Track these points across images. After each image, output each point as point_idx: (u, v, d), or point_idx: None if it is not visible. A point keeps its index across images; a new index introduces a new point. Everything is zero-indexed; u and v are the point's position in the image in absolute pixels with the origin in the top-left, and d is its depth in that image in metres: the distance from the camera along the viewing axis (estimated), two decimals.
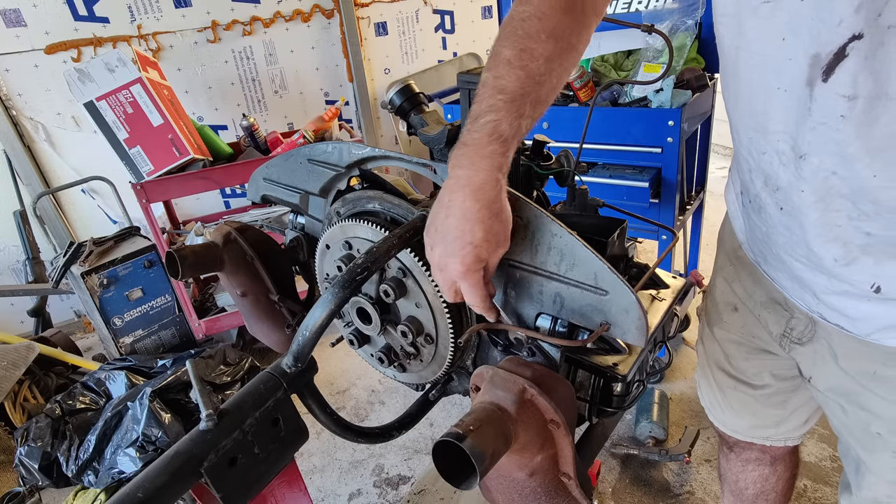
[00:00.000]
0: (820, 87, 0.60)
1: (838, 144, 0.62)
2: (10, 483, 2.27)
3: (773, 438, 1.20)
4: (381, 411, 2.52)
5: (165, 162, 2.39)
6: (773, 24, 0.64)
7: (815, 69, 0.60)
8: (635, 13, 2.31)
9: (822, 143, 0.64)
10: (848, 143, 0.61)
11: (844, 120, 0.60)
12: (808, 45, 0.60)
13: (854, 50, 0.55)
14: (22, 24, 2.79)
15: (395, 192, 0.94)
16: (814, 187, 0.68)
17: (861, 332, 0.77)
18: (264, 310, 1.14)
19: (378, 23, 3.68)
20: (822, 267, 0.75)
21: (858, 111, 0.58)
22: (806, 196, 0.70)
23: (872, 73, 0.55)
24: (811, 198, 0.69)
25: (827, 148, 0.64)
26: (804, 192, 0.69)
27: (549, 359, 0.80)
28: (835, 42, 0.57)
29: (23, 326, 3.14)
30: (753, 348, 1.08)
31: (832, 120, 0.61)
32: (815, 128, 0.64)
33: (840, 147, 0.62)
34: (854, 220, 0.67)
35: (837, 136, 0.62)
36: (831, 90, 0.59)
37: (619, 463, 2.07)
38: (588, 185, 1.06)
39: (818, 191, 0.68)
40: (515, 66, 0.68)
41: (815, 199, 0.69)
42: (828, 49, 0.58)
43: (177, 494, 0.60)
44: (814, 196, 0.69)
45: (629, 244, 0.99)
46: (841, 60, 0.57)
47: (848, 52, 0.56)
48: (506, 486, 0.78)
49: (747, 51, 0.70)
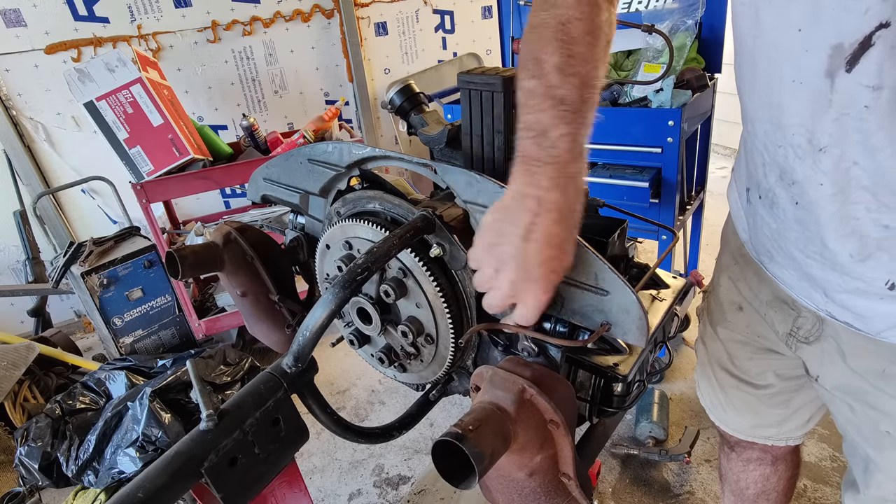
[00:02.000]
0: (843, 78, 0.60)
1: (862, 134, 0.62)
2: (10, 483, 2.27)
3: (775, 438, 1.19)
4: (381, 411, 2.52)
5: (165, 162, 2.39)
6: (789, 14, 0.63)
7: (836, 59, 0.59)
8: (635, 13, 2.31)
9: (843, 133, 0.64)
10: (871, 132, 0.61)
11: (869, 110, 0.59)
12: (829, 36, 0.59)
13: (881, 39, 0.55)
14: (22, 24, 2.79)
15: (395, 192, 0.94)
16: (833, 179, 0.68)
17: (872, 331, 0.76)
18: (264, 310, 1.14)
19: (378, 23, 3.68)
20: (836, 264, 0.74)
21: (884, 101, 0.58)
22: (825, 189, 0.69)
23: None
24: (830, 190, 0.69)
25: (849, 138, 0.63)
26: (822, 185, 0.69)
27: (549, 359, 0.80)
28: (861, 31, 0.56)
29: (23, 326, 3.14)
30: (758, 348, 1.07)
31: (855, 110, 0.61)
32: (838, 119, 0.63)
33: (864, 136, 0.62)
34: (873, 213, 0.67)
35: (861, 125, 0.61)
36: (855, 80, 0.59)
37: (619, 463, 2.07)
38: (588, 185, 1.06)
39: (838, 182, 0.67)
40: (568, 73, 0.65)
41: (834, 192, 0.69)
42: (852, 38, 0.57)
43: (177, 495, 0.60)
44: (833, 188, 0.68)
45: (629, 244, 1.00)
46: (867, 49, 0.56)
47: (874, 41, 0.55)
48: (505, 485, 0.78)
49: (763, 41, 0.70)
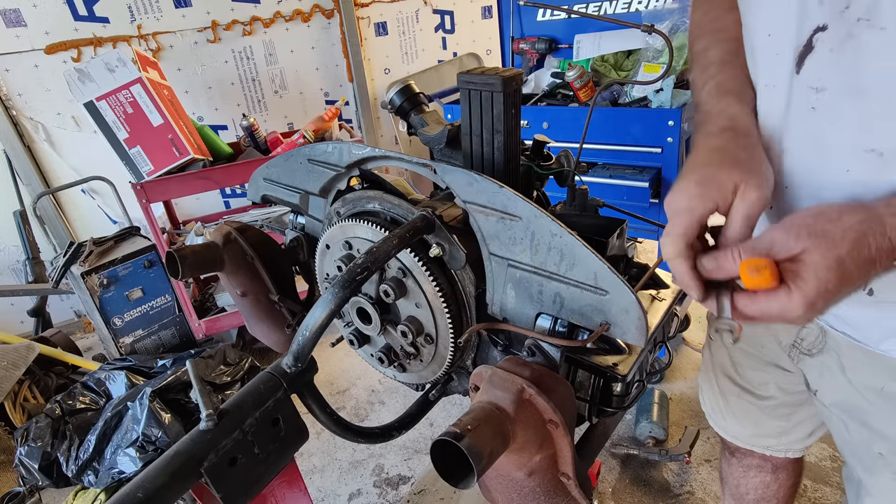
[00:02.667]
0: (795, 79, 0.60)
1: (813, 137, 0.61)
2: (10, 483, 2.27)
3: (774, 448, 1.18)
4: (381, 411, 2.52)
5: (165, 162, 2.39)
6: (758, 16, 0.64)
7: (794, 62, 0.60)
8: (635, 13, 2.31)
9: (798, 136, 0.64)
10: (823, 135, 0.60)
11: (815, 112, 0.59)
12: (791, 39, 0.60)
13: (819, 42, 0.55)
14: (22, 24, 2.79)
15: (395, 192, 0.94)
16: (795, 182, 0.67)
17: (870, 341, 0.75)
18: (264, 310, 1.15)
19: (378, 23, 3.68)
20: None
21: (825, 103, 0.58)
22: (788, 192, 0.69)
23: (839, 65, 0.55)
24: (794, 194, 0.68)
25: (803, 142, 0.63)
26: (787, 189, 0.69)
27: (548, 359, 0.80)
28: (804, 34, 0.57)
29: (23, 326, 3.14)
30: (762, 360, 1.06)
31: (804, 111, 0.61)
32: (792, 121, 0.63)
33: (816, 140, 0.61)
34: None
35: (812, 127, 0.61)
36: (803, 83, 0.59)
37: (619, 463, 2.07)
38: (588, 185, 1.06)
39: (802, 187, 0.67)
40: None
41: (796, 196, 0.68)
42: (799, 41, 0.58)
43: (177, 494, 0.60)
44: (796, 192, 0.68)
45: (629, 244, 1.00)
46: (809, 52, 0.57)
47: (814, 43, 0.56)
48: (505, 485, 0.78)
49: (748, 45, 0.71)
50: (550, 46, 2.58)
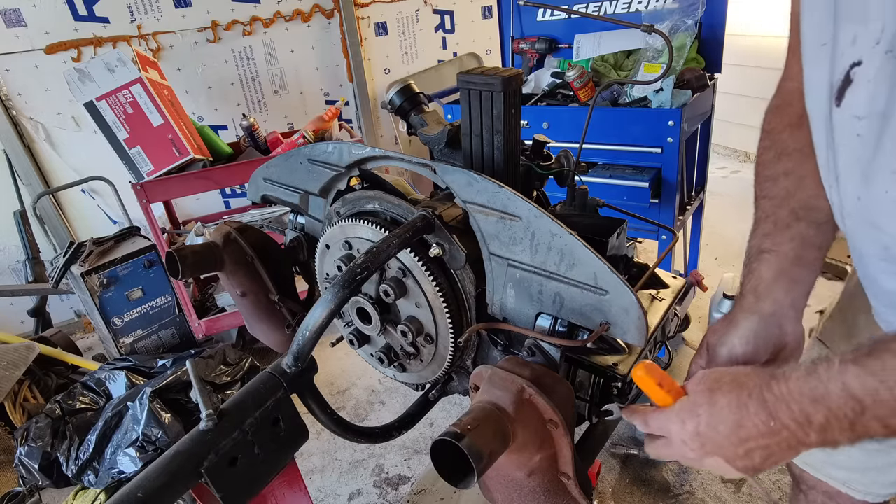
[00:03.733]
0: (835, 112, 0.62)
1: (859, 164, 0.62)
2: (10, 483, 2.27)
3: (851, 485, 0.96)
4: (381, 411, 2.52)
5: (165, 162, 2.39)
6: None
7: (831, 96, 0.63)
8: (635, 13, 2.31)
9: (845, 164, 0.64)
10: (867, 161, 0.61)
11: (860, 138, 0.60)
12: (825, 74, 0.63)
13: (856, 76, 0.59)
14: (22, 24, 2.79)
15: (395, 192, 0.94)
16: (851, 212, 0.67)
17: None
18: (264, 310, 1.15)
19: (378, 23, 3.68)
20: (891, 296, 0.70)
21: (866, 129, 0.59)
22: (845, 221, 0.68)
23: (875, 95, 0.58)
24: (854, 220, 0.67)
25: (851, 171, 0.63)
26: (843, 215, 0.69)
27: (548, 358, 0.80)
28: (840, 71, 0.60)
29: (23, 326, 3.14)
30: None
31: (848, 139, 0.62)
32: (837, 150, 0.64)
33: (861, 167, 0.62)
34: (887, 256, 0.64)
35: (855, 154, 0.62)
36: (846, 113, 0.61)
37: (619, 463, 2.07)
38: (588, 185, 1.06)
39: (858, 212, 0.66)
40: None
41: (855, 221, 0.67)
42: (837, 76, 0.61)
43: (177, 494, 0.60)
44: (853, 218, 0.67)
45: (629, 244, 1.00)
46: (848, 86, 0.60)
47: (852, 77, 0.59)
48: (505, 485, 0.78)
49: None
50: (550, 46, 2.58)
